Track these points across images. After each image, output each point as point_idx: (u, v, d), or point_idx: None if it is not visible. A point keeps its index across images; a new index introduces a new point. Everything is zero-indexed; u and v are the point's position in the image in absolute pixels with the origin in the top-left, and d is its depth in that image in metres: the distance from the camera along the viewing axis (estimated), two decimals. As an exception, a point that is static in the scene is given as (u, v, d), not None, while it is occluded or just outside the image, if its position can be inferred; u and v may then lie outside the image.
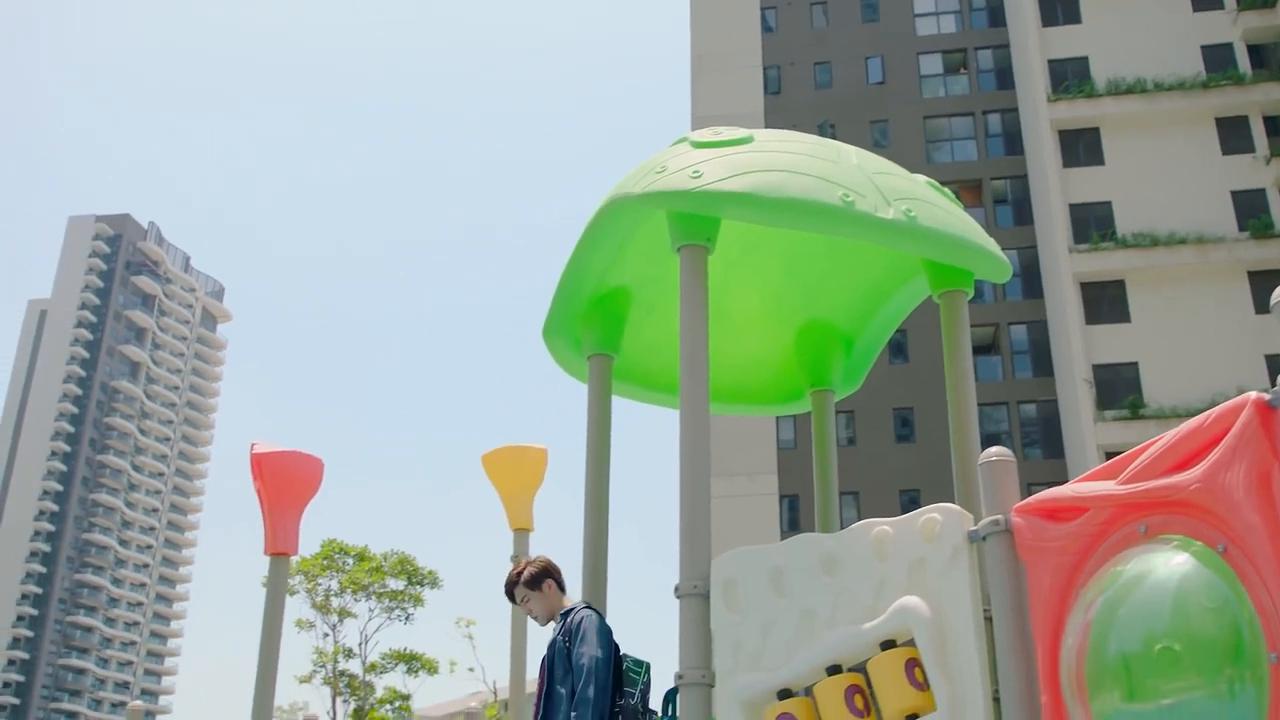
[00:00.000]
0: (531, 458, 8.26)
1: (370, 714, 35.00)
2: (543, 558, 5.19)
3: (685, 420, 4.36)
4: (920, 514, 3.64)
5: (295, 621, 34.87)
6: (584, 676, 4.59)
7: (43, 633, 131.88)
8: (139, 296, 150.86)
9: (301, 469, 6.88)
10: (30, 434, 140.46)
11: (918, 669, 3.51)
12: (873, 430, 39.40)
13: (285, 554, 6.96)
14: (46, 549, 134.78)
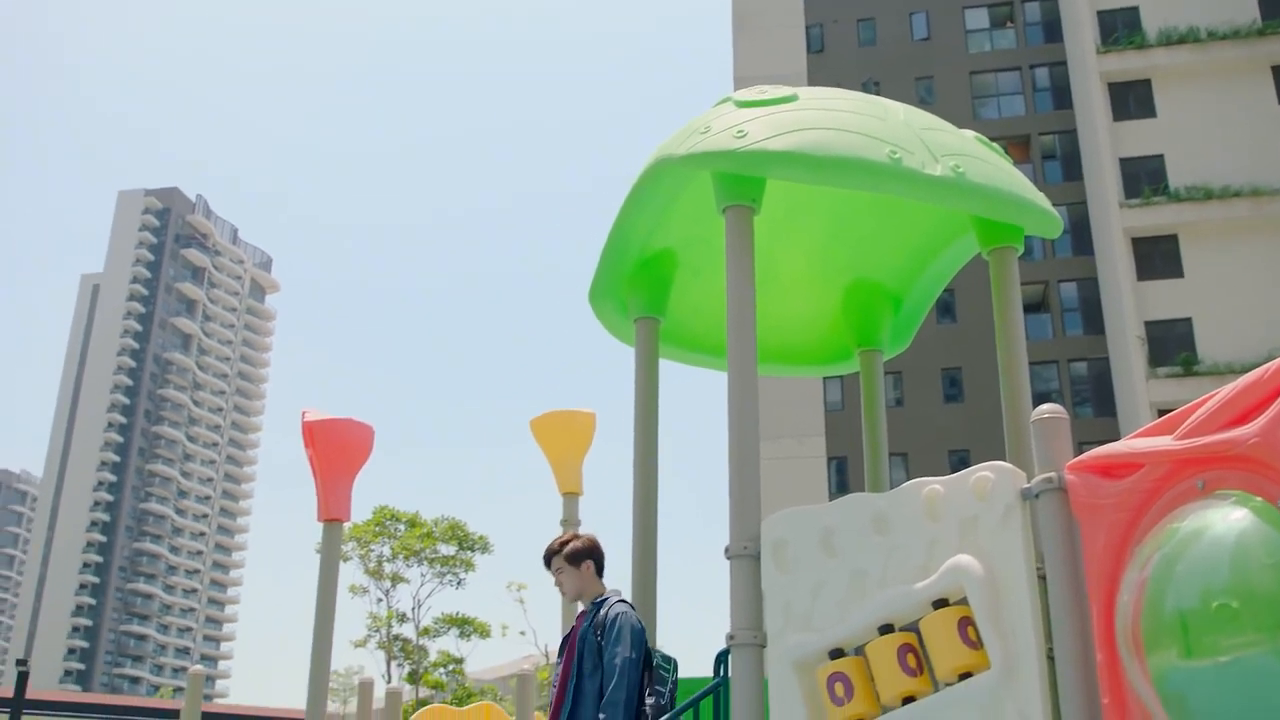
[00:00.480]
0: (579, 422, 8.29)
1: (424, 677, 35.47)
2: (590, 537, 5.16)
3: (733, 382, 4.34)
4: (972, 472, 3.62)
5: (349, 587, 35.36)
6: (616, 678, 4.59)
7: (105, 600, 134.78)
8: (189, 269, 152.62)
9: (352, 436, 6.95)
10: (87, 406, 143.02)
11: (971, 628, 3.49)
12: (921, 390, 39.14)
13: (338, 520, 7.04)
14: (106, 518, 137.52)
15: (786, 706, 3.81)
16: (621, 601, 4.90)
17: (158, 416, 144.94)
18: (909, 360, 35.29)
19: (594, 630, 4.78)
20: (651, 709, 4.66)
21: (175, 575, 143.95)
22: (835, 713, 3.70)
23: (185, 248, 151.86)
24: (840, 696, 3.70)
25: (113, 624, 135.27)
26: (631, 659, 4.65)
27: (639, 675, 4.68)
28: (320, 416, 6.86)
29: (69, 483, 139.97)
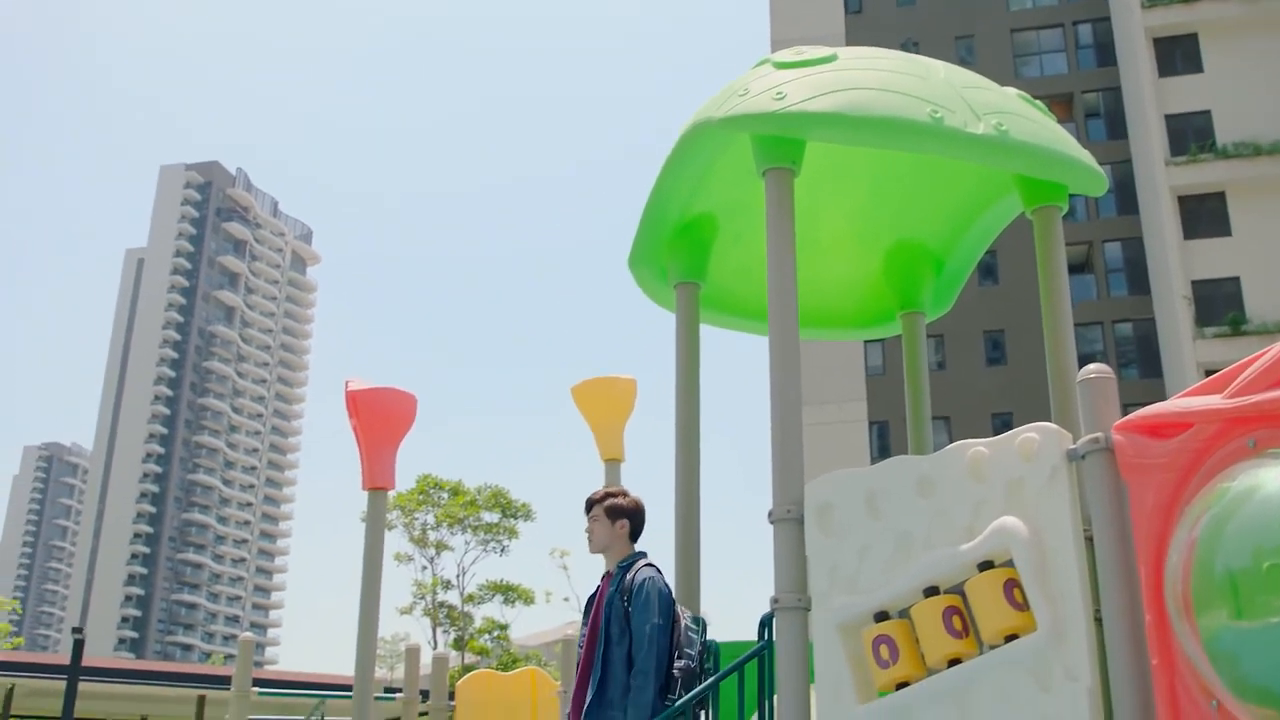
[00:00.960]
0: (621, 388, 8.29)
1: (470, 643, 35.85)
2: (636, 499, 5.10)
3: (774, 346, 4.32)
4: (1017, 434, 3.59)
5: (394, 555, 35.76)
6: (645, 646, 4.58)
7: (156, 570, 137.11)
8: (230, 242, 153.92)
9: (395, 405, 6.99)
10: (134, 380, 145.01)
11: (1017, 590, 3.48)
12: (963, 353, 38.87)
13: (383, 488, 7.10)
14: (155, 490, 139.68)
15: (831, 669, 3.81)
16: (649, 565, 4.87)
17: (203, 389, 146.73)
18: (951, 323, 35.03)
19: (620, 595, 4.75)
20: (680, 671, 4.65)
21: (224, 545, 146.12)
22: (880, 675, 3.70)
23: (226, 221, 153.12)
24: (885, 659, 3.69)
25: (164, 593, 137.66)
26: (659, 625, 4.64)
27: (668, 641, 4.67)
28: (363, 386, 6.91)
29: (118, 455, 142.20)
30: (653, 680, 4.56)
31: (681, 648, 4.72)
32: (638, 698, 4.55)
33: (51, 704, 22.98)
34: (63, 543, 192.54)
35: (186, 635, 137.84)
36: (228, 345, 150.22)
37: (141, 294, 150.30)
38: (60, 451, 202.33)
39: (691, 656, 4.70)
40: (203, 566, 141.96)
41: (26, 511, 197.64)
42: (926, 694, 3.58)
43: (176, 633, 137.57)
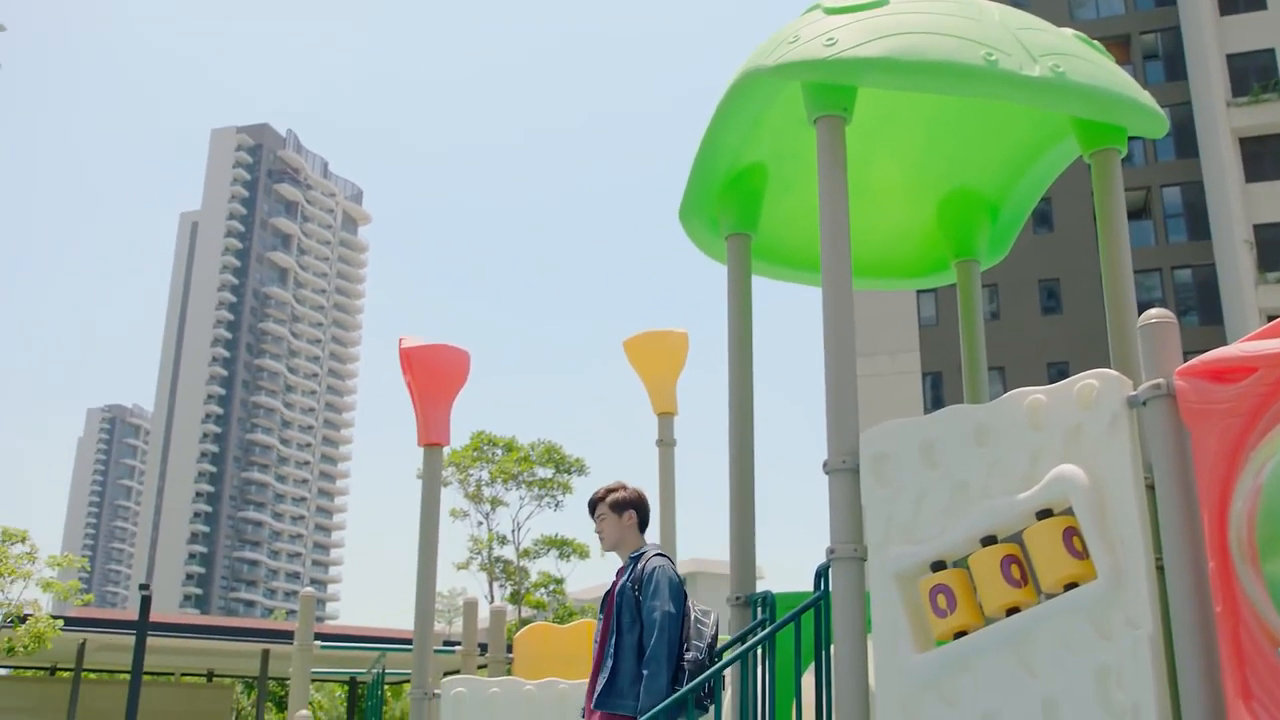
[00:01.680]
0: (673, 342, 8.28)
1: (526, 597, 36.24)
2: (637, 490, 5.10)
3: (828, 296, 4.29)
4: (1076, 380, 3.54)
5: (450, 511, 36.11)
6: (656, 633, 4.57)
7: (217, 528, 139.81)
8: (282, 204, 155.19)
9: (449, 361, 7.04)
10: (192, 341, 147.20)
11: (1076, 538, 3.45)
12: (1018, 303, 38.41)
13: (438, 444, 7.16)
14: (215, 450, 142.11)
15: (888, 619, 3.81)
16: (659, 555, 4.86)
17: (259, 349, 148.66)
18: (1005, 272, 34.61)
19: (632, 585, 4.73)
20: (690, 664, 4.61)
21: (283, 503, 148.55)
22: (938, 624, 3.70)
23: (278, 183, 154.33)
24: (943, 608, 3.68)
25: (226, 550, 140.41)
26: (670, 613, 4.62)
27: (678, 630, 4.65)
28: (416, 343, 6.96)
29: (178, 416, 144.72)
30: (665, 668, 4.54)
31: (691, 640, 4.69)
32: (650, 684, 4.53)
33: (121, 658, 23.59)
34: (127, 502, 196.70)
35: (249, 592, 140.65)
36: (282, 306, 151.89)
37: (197, 257, 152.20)
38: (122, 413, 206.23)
39: (700, 649, 4.67)
40: (263, 524, 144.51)
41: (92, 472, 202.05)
42: (985, 642, 3.57)
43: (239, 589, 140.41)
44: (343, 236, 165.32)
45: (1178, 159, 39.20)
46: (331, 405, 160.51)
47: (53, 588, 15.77)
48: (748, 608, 5.06)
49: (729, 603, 5.17)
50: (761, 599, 4.94)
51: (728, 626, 5.25)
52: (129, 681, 16.44)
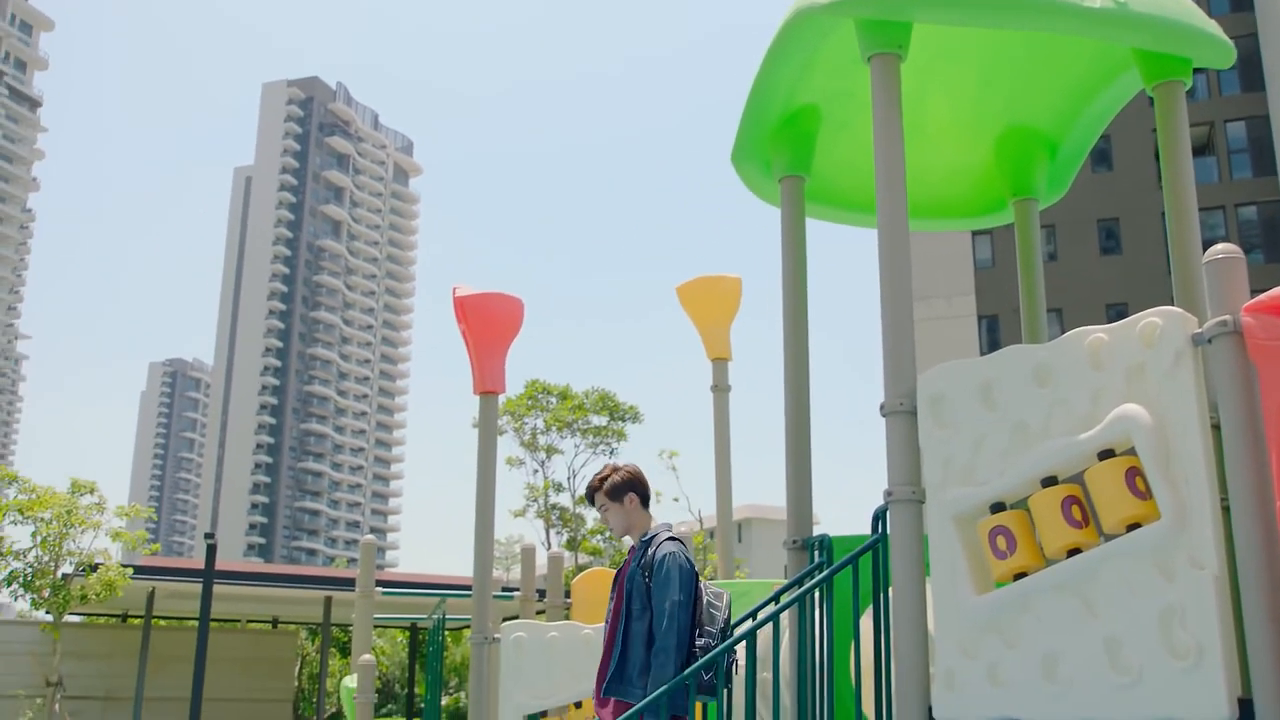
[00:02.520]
0: (726, 287, 8.25)
1: (582, 544, 36.58)
2: (631, 468, 4.99)
3: (883, 236, 4.24)
4: (1139, 318, 3.48)
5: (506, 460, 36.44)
6: (665, 623, 4.50)
7: (278, 478, 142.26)
8: (334, 157, 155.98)
9: (503, 309, 7.06)
10: (248, 295, 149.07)
11: (1139, 478, 3.40)
12: (1075, 243, 37.79)
13: (493, 392, 7.19)
14: (274, 402, 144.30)
15: (947, 561, 3.79)
16: (671, 539, 4.76)
17: (314, 302, 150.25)
18: (1063, 212, 34.05)
19: (642, 571, 4.65)
20: (702, 650, 4.55)
21: (341, 454, 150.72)
22: (998, 566, 3.67)
23: (329, 136, 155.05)
24: (1002, 550, 3.66)
25: (287, 501, 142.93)
26: (680, 601, 4.54)
27: (688, 618, 4.58)
28: (471, 292, 6.98)
29: (237, 368, 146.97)
30: (673, 658, 4.48)
31: (703, 625, 4.62)
32: (658, 675, 4.48)
33: (189, 605, 24.16)
34: (190, 454, 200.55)
35: (310, 541, 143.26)
36: (336, 259, 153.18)
37: (251, 211, 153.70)
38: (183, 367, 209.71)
39: (713, 634, 4.61)
40: (322, 475, 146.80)
41: (155, 425, 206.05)
42: (1046, 584, 3.54)
43: (301, 538, 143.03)
44: (394, 188, 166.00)
45: (1243, 93, 38.19)
46: (386, 356, 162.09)
47: (121, 537, 16.14)
48: (804, 551, 5.06)
49: (786, 546, 5.17)
50: (818, 542, 4.93)
51: (784, 570, 5.26)
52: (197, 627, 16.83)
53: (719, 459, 8.41)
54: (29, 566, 15.04)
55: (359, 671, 8.30)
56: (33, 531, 14.99)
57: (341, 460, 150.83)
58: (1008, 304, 37.02)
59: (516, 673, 6.93)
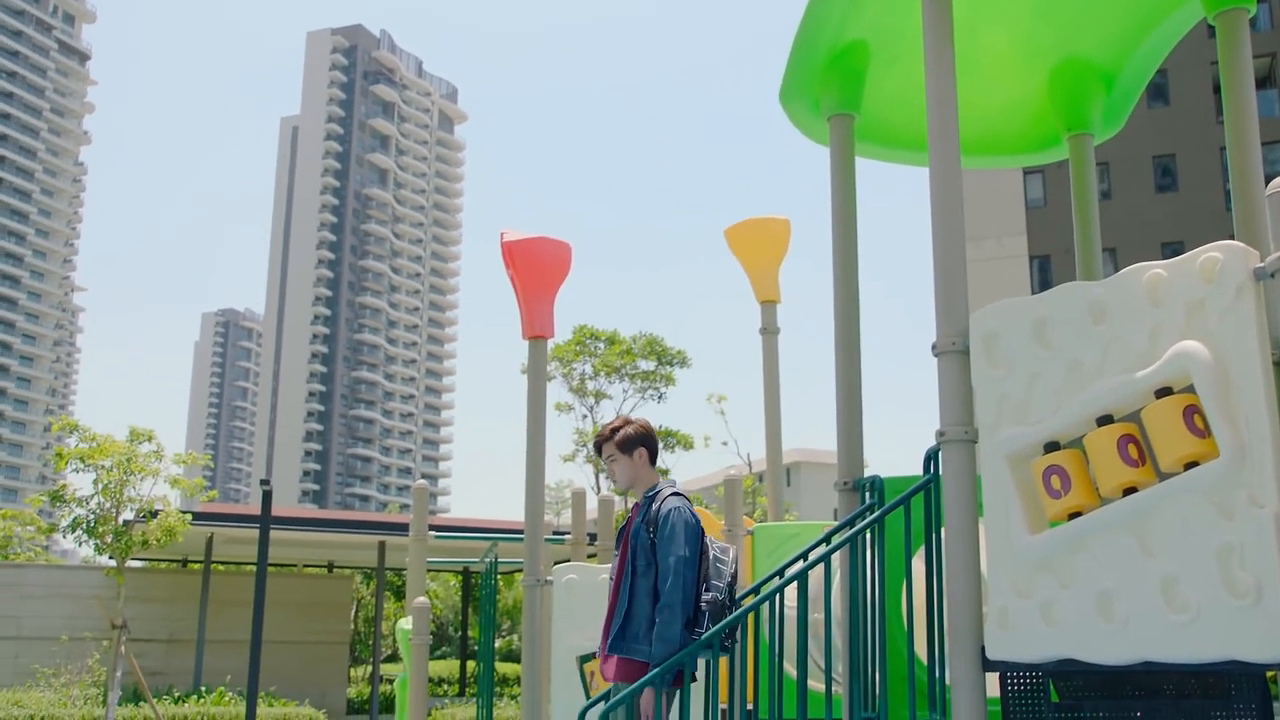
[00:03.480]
0: (774, 229, 8.18)
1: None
2: (643, 422, 4.93)
3: (935, 173, 4.16)
4: (1198, 253, 3.41)
5: (555, 405, 36.59)
6: (670, 579, 4.44)
7: (330, 426, 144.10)
8: (379, 105, 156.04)
9: (550, 253, 7.04)
10: (297, 244, 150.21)
11: (1197, 416, 3.35)
12: (1130, 181, 37.07)
13: (542, 337, 7.21)
14: (325, 350, 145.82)
15: (1000, 501, 3.76)
16: (675, 495, 4.71)
17: (363, 251, 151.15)
18: (1117, 149, 33.40)
19: (646, 526, 4.59)
20: (708, 605, 4.51)
21: (392, 401, 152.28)
22: (1052, 505, 3.65)
23: (374, 84, 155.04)
24: (1057, 489, 3.63)
25: (340, 448, 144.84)
26: (685, 557, 4.49)
27: (694, 573, 4.53)
28: (518, 236, 6.98)
29: (288, 318, 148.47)
30: (679, 614, 4.43)
31: (709, 579, 4.57)
32: (664, 632, 4.43)
33: (246, 551, 24.61)
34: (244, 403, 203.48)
35: (363, 487, 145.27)
36: (383, 207, 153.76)
37: (298, 161, 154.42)
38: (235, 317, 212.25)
39: (720, 589, 4.56)
40: (374, 422, 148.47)
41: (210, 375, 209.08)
42: (1101, 523, 3.51)
43: (354, 485, 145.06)
44: (440, 136, 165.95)
45: (1306, 23, 37.11)
46: (435, 304, 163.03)
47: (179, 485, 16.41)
48: (855, 493, 5.05)
49: (837, 488, 5.16)
50: (870, 483, 4.92)
51: (833, 514, 5.26)
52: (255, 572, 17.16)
53: (768, 402, 8.38)
54: (91, 513, 15.34)
55: (414, 614, 8.42)
56: (94, 479, 15.27)
57: (392, 408, 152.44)
58: (1060, 244, 36.47)
59: (569, 615, 7.01)
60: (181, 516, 16.05)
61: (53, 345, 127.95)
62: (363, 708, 25.20)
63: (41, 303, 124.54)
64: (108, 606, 16.17)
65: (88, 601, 20.25)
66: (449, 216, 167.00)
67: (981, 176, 35.97)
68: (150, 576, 24.44)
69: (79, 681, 19.69)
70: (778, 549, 7.26)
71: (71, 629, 21.38)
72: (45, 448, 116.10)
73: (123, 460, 15.22)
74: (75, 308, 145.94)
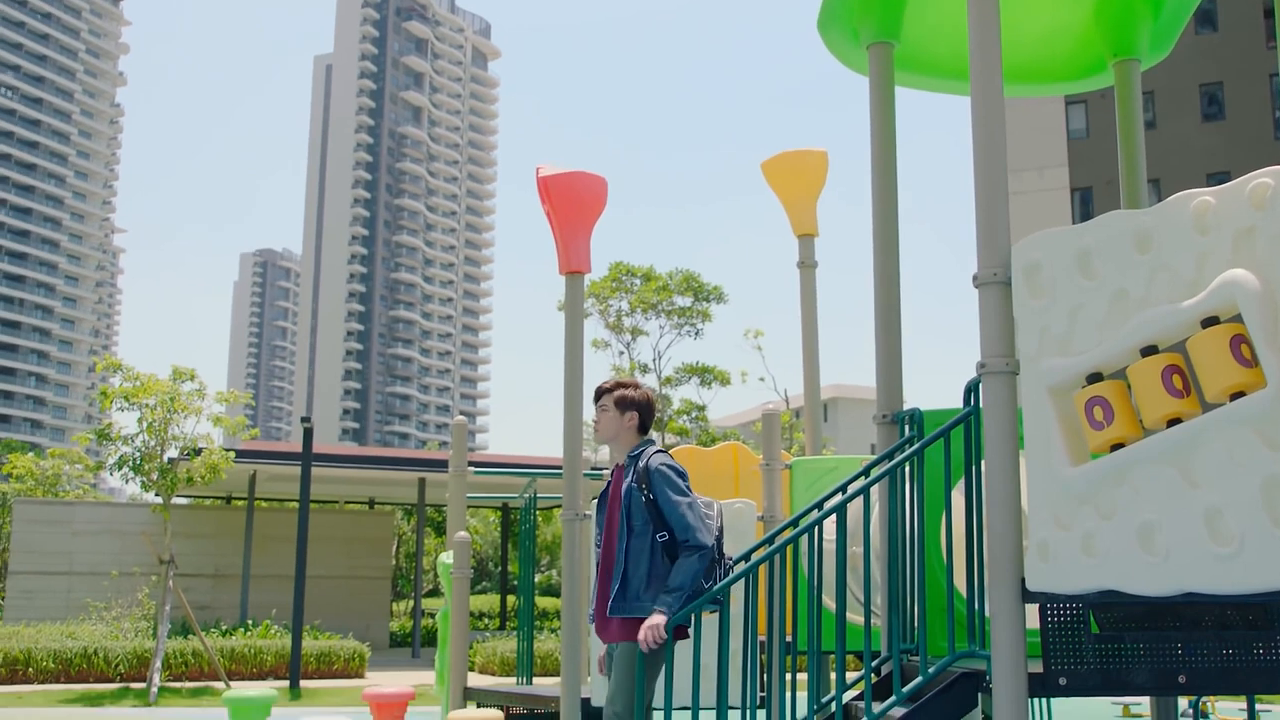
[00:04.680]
0: (812, 162, 8.09)
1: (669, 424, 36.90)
2: (647, 392, 4.88)
3: (977, 98, 4.07)
4: (1249, 179, 3.33)
5: (591, 342, 36.63)
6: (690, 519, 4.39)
7: (369, 365, 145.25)
8: (412, 42, 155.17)
9: (586, 188, 7.00)
10: (333, 184, 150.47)
11: (1244, 346, 3.30)
12: (1176, 110, 36.34)
13: (579, 272, 7.18)
14: (362, 289, 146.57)
15: (1042, 432, 3.73)
16: (660, 452, 4.69)
17: (398, 189, 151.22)
18: (1162, 77, 32.73)
19: (638, 484, 4.51)
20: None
21: (430, 339, 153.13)
22: (1094, 437, 3.61)
23: (406, 20, 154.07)
24: (1099, 420, 3.59)
25: (379, 386, 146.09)
26: (693, 501, 4.48)
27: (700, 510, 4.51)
28: (554, 171, 6.93)
29: (325, 257, 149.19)
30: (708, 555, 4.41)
31: None
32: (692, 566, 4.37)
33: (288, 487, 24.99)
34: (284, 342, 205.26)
35: (402, 425, 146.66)
36: (418, 145, 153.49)
37: (333, 100, 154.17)
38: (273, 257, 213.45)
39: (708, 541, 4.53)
40: (412, 360, 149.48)
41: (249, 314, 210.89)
42: (1144, 454, 3.48)
43: (393, 423, 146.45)
44: (473, 72, 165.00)
45: (1359, -56, 36.04)
46: (471, 242, 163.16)
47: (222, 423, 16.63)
48: (894, 426, 5.04)
49: (875, 421, 5.15)
50: (909, 416, 4.90)
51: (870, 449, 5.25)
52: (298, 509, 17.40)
53: (805, 336, 8.34)
54: (137, 451, 15.59)
55: (455, 548, 8.51)
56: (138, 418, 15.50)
57: (430, 346, 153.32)
58: (1102, 176, 35.91)
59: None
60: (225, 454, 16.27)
61: (95, 286, 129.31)
62: (405, 641, 25.65)
63: (83, 244, 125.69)
64: (155, 542, 16.49)
65: (136, 538, 20.67)
66: (484, 154, 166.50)
67: (1022, 108, 35.37)
68: (196, 513, 24.88)
69: (129, 615, 20.16)
70: (816, 482, 7.26)
71: (121, 564, 21.86)
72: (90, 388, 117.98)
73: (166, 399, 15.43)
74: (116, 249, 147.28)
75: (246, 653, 17.31)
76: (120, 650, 16.57)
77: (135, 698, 14.70)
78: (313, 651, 17.44)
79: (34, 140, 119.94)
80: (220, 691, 14.60)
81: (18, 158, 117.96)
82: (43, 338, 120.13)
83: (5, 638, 17.39)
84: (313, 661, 17.34)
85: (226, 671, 16.58)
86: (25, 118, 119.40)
